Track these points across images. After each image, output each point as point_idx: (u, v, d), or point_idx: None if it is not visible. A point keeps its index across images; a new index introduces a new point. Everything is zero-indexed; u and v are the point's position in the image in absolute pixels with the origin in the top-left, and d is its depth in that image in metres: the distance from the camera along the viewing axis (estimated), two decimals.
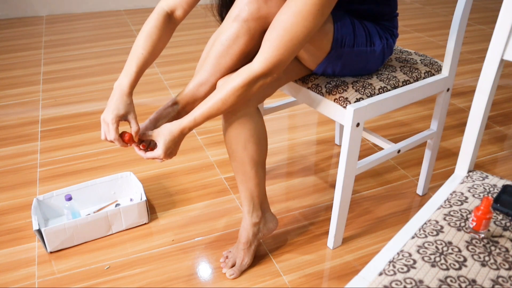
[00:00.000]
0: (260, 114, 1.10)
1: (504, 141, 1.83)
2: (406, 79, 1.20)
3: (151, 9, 3.56)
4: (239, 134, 1.07)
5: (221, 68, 1.04)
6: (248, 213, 1.18)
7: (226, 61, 1.03)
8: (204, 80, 1.06)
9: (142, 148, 1.06)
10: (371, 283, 0.68)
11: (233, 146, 1.09)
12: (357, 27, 1.08)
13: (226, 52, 1.02)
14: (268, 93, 1.11)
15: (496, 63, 0.82)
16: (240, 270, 1.21)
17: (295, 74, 1.17)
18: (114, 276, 1.21)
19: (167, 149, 1.00)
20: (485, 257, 0.71)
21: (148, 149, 1.07)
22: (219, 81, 1.05)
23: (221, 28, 1.03)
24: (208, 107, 0.97)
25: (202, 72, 1.06)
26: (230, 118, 1.06)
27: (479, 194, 0.85)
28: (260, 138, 1.09)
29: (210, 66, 1.05)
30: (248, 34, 0.99)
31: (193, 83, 1.08)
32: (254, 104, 1.07)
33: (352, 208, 1.46)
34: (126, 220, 1.35)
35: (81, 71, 2.46)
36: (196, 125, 0.99)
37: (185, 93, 1.08)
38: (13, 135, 1.86)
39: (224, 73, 1.05)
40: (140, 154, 1.04)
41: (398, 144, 1.30)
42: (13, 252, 1.29)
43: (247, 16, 0.98)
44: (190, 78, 2.35)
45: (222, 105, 0.97)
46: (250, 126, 1.07)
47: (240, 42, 1.00)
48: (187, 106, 1.09)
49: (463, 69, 2.52)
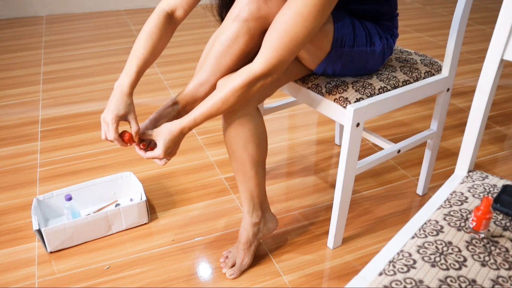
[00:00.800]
0: (260, 114, 1.10)
1: (504, 141, 1.83)
2: (406, 79, 1.20)
3: (151, 9, 3.57)
4: (239, 134, 1.07)
5: (221, 68, 1.04)
6: (248, 213, 1.18)
7: (226, 61, 1.03)
8: (204, 80, 1.06)
9: (142, 147, 1.06)
10: (371, 283, 0.68)
11: (233, 146, 1.09)
12: (357, 27, 1.08)
13: (226, 52, 1.02)
14: (268, 93, 1.11)
15: (496, 63, 0.82)
16: (240, 270, 1.21)
17: (295, 74, 1.17)
18: (114, 276, 1.21)
19: (167, 148, 1.00)
20: (485, 257, 0.71)
21: (148, 149, 1.07)
22: (219, 81, 1.05)
23: (221, 28, 1.03)
24: (208, 107, 0.97)
25: (202, 72, 1.06)
26: (230, 118, 1.06)
27: (479, 194, 0.85)
28: (260, 138, 1.09)
29: (210, 66, 1.05)
30: (248, 34, 0.99)
31: (193, 83, 1.08)
32: (254, 104, 1.07)
33: (352, 208, 1.46)
34: (126, 220, 1.35)
35: (81, 71, 2.46)
36: (196, 125, 1.00)
37: (185, 93, 1.08)
38: (13, 135, 1.86)
39: (224, 73, 1.05)
40: (140, 154, 1.05)
41: (398, 144, 1.30)
42: (13, 252, 1.29)
43: (247, 16, 0.98)
44: (190, 78, 2.36)
45: (222, 105, 0.97)
46: (250, 126, 1.07)
47: (240, 42, 1.00)
48: (187, 106, 1.09)
49: (463, 69, 2.52)
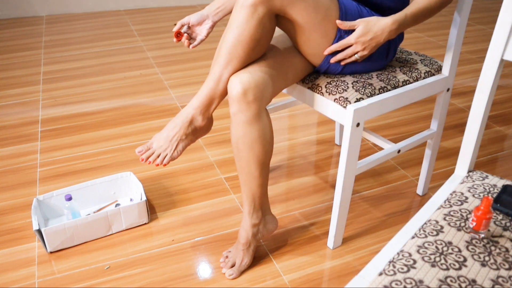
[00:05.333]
0: (269, 115, 1.10)
1: (504, 141, 1.83)
2: (406, 79, 1.20)
3: (151, 9, 3.57)
4: (247, 134, 1.07)
5: (233, 58, 1.06)
6: (249, 213, 1.18)
7: (237, 50, 1.04)
8: (218, 75, 1.08)
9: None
10: (371, 283, 0.68)
11: (239, 146, 1.09)
12: (364, 16, 1.10)
13: (237, 39, 1.04)
14: (276, 92, 1.12)
15: (496, 63, 0.82)
16: (239, 270, 1.21)
17: (302, 74, 1.18)
18: (114, 276, 1.21)
19: (362, 34, 1.09)
20: (485, 257, 0.71)
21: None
22: (232, 77, 1.06)
23: (231, 17, 1.05)
24: (419, 6, 1.08)
25: (216, 66, 1.08)
26: (240, 117, 1.06)
27: (479, 194, 0.85)
28: (267, 139, 1.09)
29: (223, 56, 1.06)
30: (257, 18, 1.02)
31: (209, 79, 1.10)
32: (264, 104, 1.07)
33: (352, 208, 1.46)
34: (126, 220, 1.35)
35: (81, 71, 2.46)
36: (406, 22, 1.08)
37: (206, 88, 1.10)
38: (13, 135, 1.86)
39: (237, 64, 1.06)
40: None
41: (398, 144, 1.30)
42: (13, 252, 1.29)
43: (254, 1, 1.00)
44: (190, 78, 2.36)
45: (427, 14, 1.09)
46: (259, 127, 1.06)
47: (250, 26, 1.02)
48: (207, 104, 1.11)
49: (463, 69, 2.52)
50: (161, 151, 1.09)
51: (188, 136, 1.10)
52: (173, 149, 1.09)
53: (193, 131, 1.10)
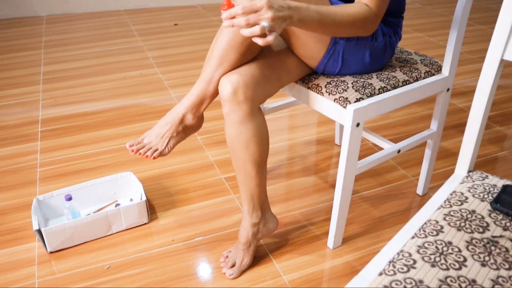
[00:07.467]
0: (262, 114, 1.10)
1: (504, 141, 1.83)
2: (406, 79, 1.20)
3: (151, 9, 3.57)
4: (241, 133, 1.07)
5: (226, 60, 1.06)
6: (248, 213, 1.18)
7: (229, 55, 1.05)
8: (210, 76, 1.08)
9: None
10: (371, 283, 0.68)
11: (234, 145, 1.09)
12: None
13: (229, 44, 1.04)
14: (270, 93, 1.12)
15: (496, 63, 0.82)
16: (240, 270, 1.21)
17: (297, 74, 1.17)
18: (114, 276, 1.21)
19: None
20: (485, 257, 0.71)
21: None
22: (222, 78, 1.06)
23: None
24: (326, 9, 0.93)
25: (207, 69, 1.08)
26: (232, 117, 1.06)
27: (479, 194, 0.85)
28: (262, 138, 1.09)
29: (215, 58, 1.07)
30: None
31: (200, 79, 1.10)
32: (256, 104, 1.07)
33: (352, 208, 1.46)
34: (126, 220, 1.35)
35: (81, 71, 2.46)
36: (305, 13, 0.89)
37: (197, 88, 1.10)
38: (13, 135, 1.86)
39: (228, 65, 1.07)
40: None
41: (398, 144, 1.30)
42: (13, 252, 1.29)
43: None
44: (190, 78, 2.36)
45: (337, 18, 0.94)
46: (252, 126, 1.07)
47: None
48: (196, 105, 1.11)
49: (463, 69, 2.52)
50: (152, 145, 1.12)
51: (179, 134, 1.13)
52: (164, 145, 1.12)
53: (183, 129, 1.13)
